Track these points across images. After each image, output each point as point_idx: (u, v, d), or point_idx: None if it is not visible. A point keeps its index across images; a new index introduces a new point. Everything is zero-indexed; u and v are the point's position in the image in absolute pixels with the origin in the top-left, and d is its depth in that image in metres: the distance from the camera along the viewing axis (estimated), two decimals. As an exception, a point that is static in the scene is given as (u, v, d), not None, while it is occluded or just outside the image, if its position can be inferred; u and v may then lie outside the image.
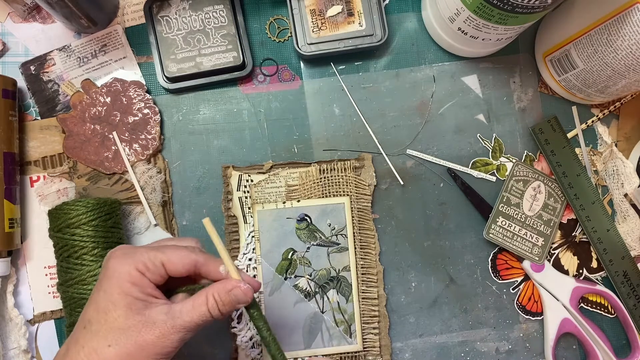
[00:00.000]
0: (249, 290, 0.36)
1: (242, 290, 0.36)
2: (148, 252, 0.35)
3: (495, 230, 0.52)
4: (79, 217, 0.44)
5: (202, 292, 0.36)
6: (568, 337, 0.53)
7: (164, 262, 0.35)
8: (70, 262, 0.44)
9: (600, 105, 0.56)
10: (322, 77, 0.54)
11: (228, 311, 0.36)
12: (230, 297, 0.35)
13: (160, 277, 0.35)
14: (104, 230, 0.45)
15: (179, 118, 0.53)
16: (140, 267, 0.34)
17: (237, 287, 0.35)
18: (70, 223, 0.44)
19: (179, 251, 0.36)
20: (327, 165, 0.52)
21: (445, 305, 0.53)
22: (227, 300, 0.35)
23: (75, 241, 0.44)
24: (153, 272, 0.35)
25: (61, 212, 0.45)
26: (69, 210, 0.45)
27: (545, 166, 0.55)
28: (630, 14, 0.42)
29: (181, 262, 0.36)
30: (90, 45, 0.52)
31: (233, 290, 0.35)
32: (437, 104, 0.54)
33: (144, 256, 0.35)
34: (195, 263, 0.36)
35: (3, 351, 0.48)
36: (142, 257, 0.35)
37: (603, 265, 0.53)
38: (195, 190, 0.52)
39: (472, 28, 0.48)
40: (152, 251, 0.36)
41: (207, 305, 0.35)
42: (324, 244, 0.51)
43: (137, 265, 0.34)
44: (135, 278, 0.34)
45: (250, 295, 0.36)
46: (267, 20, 0.54)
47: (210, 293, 0.35)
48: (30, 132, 0.51)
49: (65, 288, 0.45)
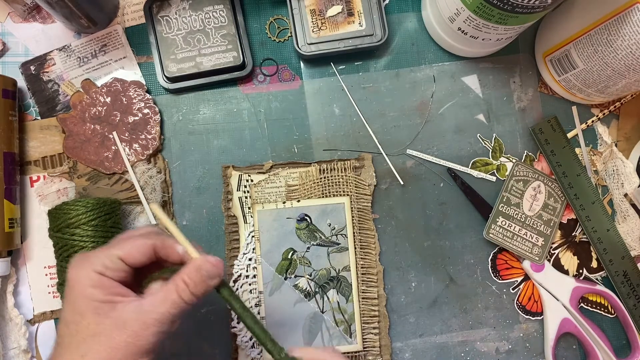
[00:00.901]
0: (219, 262, 0.34)
1: (211, 263, 0.34)
2: (103, 251, 0.34)
3: (495, 230, 0.52)
4: (79, 217, 0.45)
5: (171, 280, 0.34)
6: (568, 337, 0.53)
7: (121, 257, 0.34)
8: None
9: (600, 105, 0.56)
10: (322, 77, 0.54)
11: (200, 291, 0.34)
12: (201, 274, 0.34)
13: (123, 272, 0.34)
14: (103, 230, 0.45)
15: (179, 118, 0.53)
16: (98, 269, 0.33)
17: (206, 262, 0.34)
18: (70, 223, 0.45)
19: (134, 241, 0.35)
20: (327, 165, 0.52)
21: (445, 305, 0.53)
22: (198, 279, 0.34)
23: (75, 241, 0.44)
24: (113, 269, 0.34)
25: (61, 212, 0.45)
26: (69, 210, 0.45)
27: (545, 166, 0.55)
28: (630, 14, 0.42)
29: (138, 251, 0.34)
30: (90, 45, 0.52)
31: (202, 265, 0.34)
32: (437, 104, 0.54)
33: (99, 256, 0.34)
34: (154, 247, 0.35)
35: (3, 351, 0.48)
36: (97, 259, 0.34)
37: (603, 265, 0.53)
38: (195, 190, 0.52)
39: (472, 28, 0.48)
40: (106, 249, 0.34)
41: (178, 292, 0.33)
42: (324, 244, 0.51)
43: (95, 267, 0.33)
44: (95, 281, 0.33)
45: (221, 267, 0.34)
46: (267, 20, 0.54)
47: (179, 277, 0.34)
48: (30, 132, 0.51)
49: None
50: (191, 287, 0.34)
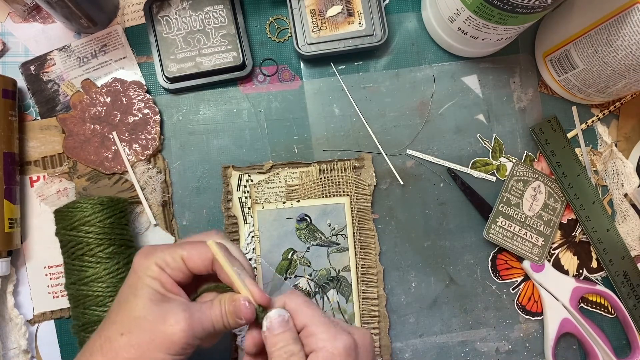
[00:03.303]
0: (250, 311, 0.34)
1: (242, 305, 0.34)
2: (169, 248, 0.36)
3: (495, 230, 0.52)
4: (95, 214, 0.45)
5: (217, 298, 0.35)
6: (568, 337, 0.53)
7: (184, 257, 0.35)
8: (85, 260, 0.44)
9: (600, 105, 0.56)
10: (322, 77, 0.54)
11: (230, 324, 0.35)
12: (234, 307, 0.34)
13: (181, 273, 0.35)
14: (119, 228, 0.46)
15: (179, 118, 0.53)
16: (160, 263, 0.35)
17: (240, 300, 0.34)
18: (86, 221, 0.45)
19: (199, 246, 0.36)
20: (327, 165, 0.52)
21: (445, 305, 0.53)
22: (230, 312, 0.35)
23: (90, 239, 0.44)
24: (173, 267, 0.35)
25: (74, 210, 0.45)
26: (83, 208, 0.45)
27: (545, 166, 0.55)
28: (630, 14, 0.42)
29: (200, 256, 0.35)
30: (90, 45, 0.52)
31: (235, 302, 0.34)
32: (437, 104, 0.54)
33: (164, 252, 0.35)
34: (212, 259, 0.35)
35: (3, 351, 0.48)
36: (162, 253, 0.35)
37: (603, 265, 0.53)
38: (195, 190, 0.52)
39: (472, 28, 0.48)
40: (172, 247, 0.36)
41: (220, 307, 0.34)
42: (324, 244, 0.51)
43: (157, 261, 0.35)
44: (155, 273, 0.34)
45: (248, 316, 0.34)
46: (267, 20, 0.54)
47: (220, 301, 0.35)
48: (30, 132, 0.51)
49: (79, 287, 0.44)
50: (224, 317, 0.35)
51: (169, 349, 0.33)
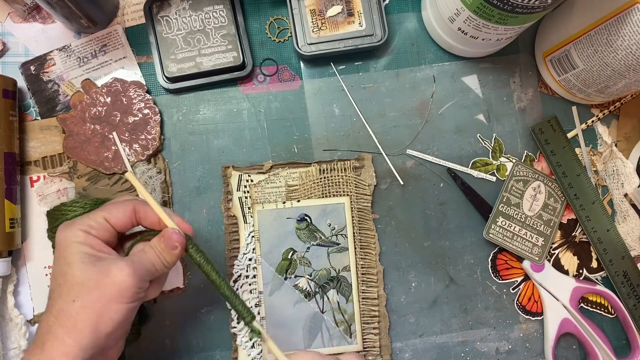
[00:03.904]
0: (179, 233, 0.38)
1: (173, 234, 0.38)
2: (87, 215, 0.38)
3: (495, 230, 0.52)
4: (76, 218, 0.44)
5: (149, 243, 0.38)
6: (568, 337, 0.53)
7: (106, 217, 0.37)
8: None
9: (600, 105, 0.56)
10: (322, 77, 0.54)
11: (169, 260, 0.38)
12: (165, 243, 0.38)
13: (107, 232, 0.37)
14: None
15: (179, 118, 0.53)
16: (84, 228, 0.36)
17: (169, 230, 0.38)
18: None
19: (118, 203, 0.38)
20: (327, 165, 0.52)
21: (445, 305, 0.53)
22: (163, 248, 0.38)
23: None
24: (98, 228, 0.37)
25: (59, 212, 0.45)
26: (67, 211, 0.45)
27: (545, 166, 0.55)
28: (630, 14, 0.42)
29: (120, 211, 0.38)
30: (90, 45, 0.52)
31: (165, 235, 0.38)
32: (437, 104, 0.54)
33: (84, 219, 0.37)
34: (134, 210, 0.38)
35: (3, 351, 0.48)
36: (82, 220, 0.37)
37: (603, 265, 0.53)
38: (195, 190, 0.52)
39: (472, 28, 0.48)
40: (92, 212, 0.38)
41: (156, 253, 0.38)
42: (324, 244, 0.51)
43: (81, 227, 0.36)
44: (82, 238, 0.36)
45: (179, 239, 0.38)
46: (267, 20, 0.54)
47: (152, 243, 0.38)
48: (30, 132, 0.51)
49: None
50: (160, 255, 0.38)
51: (122, 297, 0.35)
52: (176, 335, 0.50)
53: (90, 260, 0.35)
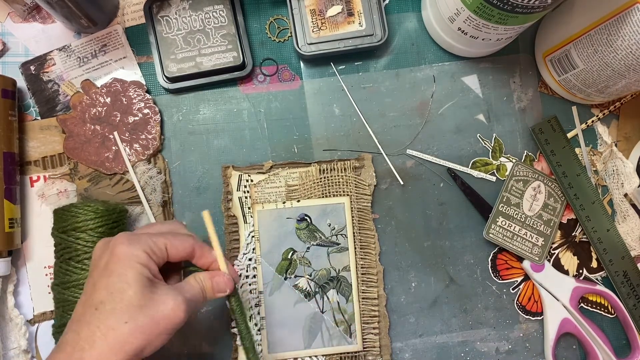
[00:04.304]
0: (229, 280, 0.40)
1: (223, 279, 0.39)
2: (151, 237, 0.37)
3: (495, 230, 0.52)
4: (87, 222, 0.44)
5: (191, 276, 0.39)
6: (568, 337, 0.53)
7: (167, 245, 0.38)
8: (71, 264, 0.44)
9: (600, 105, 0.56)
10: (322, 77, 0.54)
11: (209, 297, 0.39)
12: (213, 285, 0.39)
13: (162, 260, 0.38)
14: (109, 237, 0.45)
15: (179, 118, 0.53)
16: (148, 250, 0.36)
17: (220, 275, 0.39)
18: (77, 227, 0.44)
19: (180, 236, 0.39)
20: (327, 165, 0.52)
21: (445, 305, 0.53)
22: (209, 286, 0.39)
23: (79, 245, 0.44)
24: (158, 255, 0.37)
25: (69, 213, 0.45)
26: (77, 213, 0.44)
27: (545, 166, 0.55)
28: (630, 14, 0.42)
29: (182, 246, 0.38)
30: (90, 45, 0.52)
31: (215, 278, 0.39)
32: (437, 104, 0.54)
33: (149, 241, 0.37)
34: (193, 248, 0.39)
35: (3, 351, 0.48)
36: (148, 242, 0.37)
37: (603, 265, 0.53)
38: (195, 190, 0.52)
39: (472, 28, 0.48)
40: (154, 236, 0.38)
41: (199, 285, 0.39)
42: (324, 244, 0.51)
43: (145, 249, 0.36)
44: (144, 260, 0.36)
45: (228, 284, 0.40)
46: (267, 20, 0.54)
47: (201, 277, 0.39)
48: (30, 132, 0.51)
49: (62, 289, 0.44)
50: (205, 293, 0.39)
51: (172, 330, 0.36)
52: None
53: (147, 285, 0.35)
